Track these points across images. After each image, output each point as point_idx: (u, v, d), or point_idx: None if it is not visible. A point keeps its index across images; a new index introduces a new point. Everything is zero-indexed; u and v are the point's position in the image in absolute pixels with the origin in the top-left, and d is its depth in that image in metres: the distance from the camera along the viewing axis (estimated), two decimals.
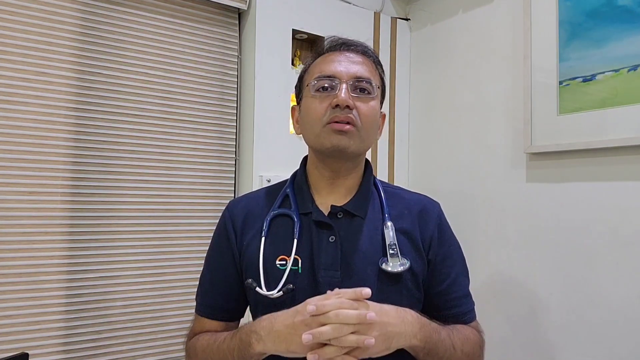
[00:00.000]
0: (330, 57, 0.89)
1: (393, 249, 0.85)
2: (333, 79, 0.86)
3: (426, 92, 1.83)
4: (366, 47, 0.93)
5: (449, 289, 0.91)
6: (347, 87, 0.85)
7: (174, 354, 1.45)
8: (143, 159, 1.42)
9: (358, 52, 0.91)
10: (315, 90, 0.87)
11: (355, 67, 0.87)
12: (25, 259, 1.25)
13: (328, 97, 0.86)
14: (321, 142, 0.86)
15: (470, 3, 1.65)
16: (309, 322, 0.72)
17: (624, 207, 1.23)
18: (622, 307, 1.22)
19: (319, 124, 0.86)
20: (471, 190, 1.62)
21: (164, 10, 1.46)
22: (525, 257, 1.44)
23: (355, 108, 0.85)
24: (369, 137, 0.89)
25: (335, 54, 0.90)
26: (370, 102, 0.87)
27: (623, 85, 1.21)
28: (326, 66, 0.88)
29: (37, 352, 1.25)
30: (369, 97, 0.87)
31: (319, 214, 0.88)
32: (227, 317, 0.94)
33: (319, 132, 0.86)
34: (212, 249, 0.97)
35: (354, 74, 0.86)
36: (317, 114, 0.86)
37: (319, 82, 0.87)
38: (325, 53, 0.92)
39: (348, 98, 0.84)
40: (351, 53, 0.90)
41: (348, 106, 0.84)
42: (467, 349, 0.86)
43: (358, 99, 0.86)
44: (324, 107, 0.85)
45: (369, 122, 0.87)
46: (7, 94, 1.23)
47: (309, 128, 0.88)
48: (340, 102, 0.84)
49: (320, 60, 0.91)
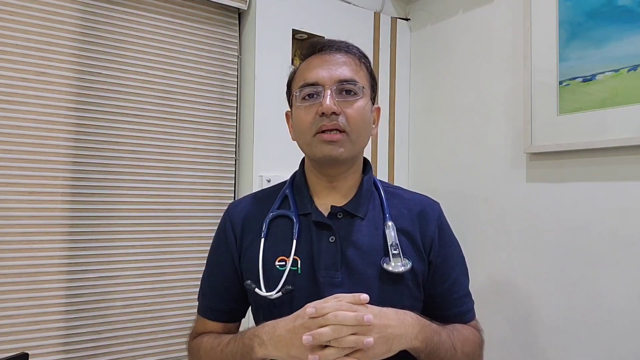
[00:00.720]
0: (313, 63, 0.88)
1: (395, 249, 0.85)
2: (316, 86, 0.85)
3: (426, 92, 1.83)
4: (348, 45, 0.91)
5: (450, 289, 0.91)
6: (332, 93, 0.84)
7: (174, 354, 1.45)
8: (143, 159, 1.42)
9: (341, 51, 0.89)
10: (301, 100, 0.87)
11: (337, 70, 0.86)
12: (25, 259, 1.25)
13: (314, 105, 0.85)
14: (313, 152, 0.86)
15: (470, 3, 1.65)
16: (309, 324, 0.72)
17: (624, 207, 1.23)
18: (622, 307, 1.22)
19: (309, 134, 0.85)
20: (471, 190, 1.62)
21: (164, 10, 1.46)
22: (525, 257, 1.44)
23: (342, 112, 0.84)
24: (360, 138, 0.88)
25: (317, 58, 0.88)
26: (356, 104, 0.86)
27: (623, 85, 1.21)
28: (308, 73, 0.87)
29: (37, 352, 1.25)
30: (355, 98, 0.86)
31: (318, 214, 0.88)
32: (227, 318, 0.95)
33: (310, 141, 0.86)
34: (212, 252, 0.97)
35: (337, 78, 0.85)
36: (305, 124, 0.86)
37: (303, 91, 0.87)
38: (308, 57, 0.90)
39: (332, 105, 0.83)
40: (333, 54, 0.88)
41: (334, 112, 0.83)
42: (468, 349, 0.86)
43: (344, 102, 0.85)
44: (311, 116, 0.85)
45: (357, 124, 0.86)
46: (7, 94, 1.23)
47: (301, 137, 0.88)
48: (325, 110, 0.83)
49: (304, 67, 0.90)
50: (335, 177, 0.90)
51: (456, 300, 0.92)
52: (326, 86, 0.85)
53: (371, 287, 0.84)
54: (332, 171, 0.90)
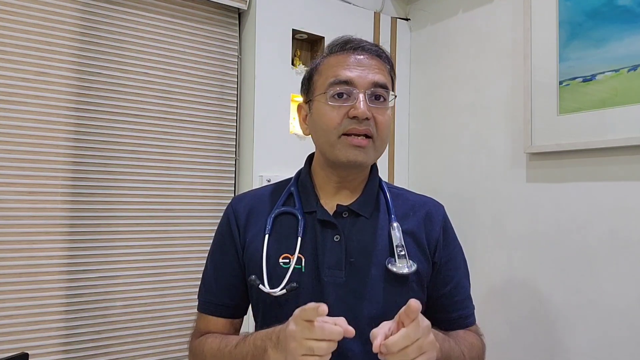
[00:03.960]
0: (344, 60, 0.84)
1: (401, 250, 0.84)
2: (350, 86, 0.82)
3: (426, 92, 1.82)
4: (380, 49, 0.88)
5: (452, 292, 0.91)
6: (365, 97, 0.81)
7: (174, 354, 1.45)
8: (143, 159, 1.42)
9: (372, 55, 0.86)
10: (330, 98, 0.83)
11: (372, 74, 0.83)
12: (25, 259, 1.25)
13: (344, 106, 0.82)
14: (335, 155, 0.83)
15: (470, 3, 1.65)
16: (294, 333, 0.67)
17: (624, 207, 1.23)
18: (622, 307, 1.22)
19: (335, 134, 0.82)
20: (471, 190, 1.62)
21: (164, 10, 1.46)
22: (525, 257, 1.44)
23: (372, 118, 0.82)
24: (383, 146, 0.87)
25: (349, 55, 0.85)
26: (387, 112, 0.85)
27: (623, 85, 1.21)
28: (341, 70, 0.83)
29: (37, 352, 1.25)
30: (385, 106, 0.84)
31: (323, 213, 0.87)
32: (231, 313, 0.92)
33: (334, 142, 0.83)
34: (215, 245, 0.95)
35: (371, 82, 0.82)
36: (332, 123, 0.82)
37: (335, 89, 0.82)
38: (337, 52, 0.86)
39: (367, 110, 0.80)
40: (366, 55, 0.85)
41: (367, 117, 0.81)
42: (473, 354, 0.86)
43: (375, 109, 0.82)
44: (340, 117, 0.82)
45: (384, 132, 0.85)
46: (7, 94, 1.23)
47: (323, 135, 0.84)
48: (360, 115, 0.80)
49: (333, 62, 0.85)
50: (345, 179, 0.89)
51: (458, 302, 0.91)
52: (360, 88, 0.82)
53: (375, 288, 0.83)
54: (347, 174, 0.88)
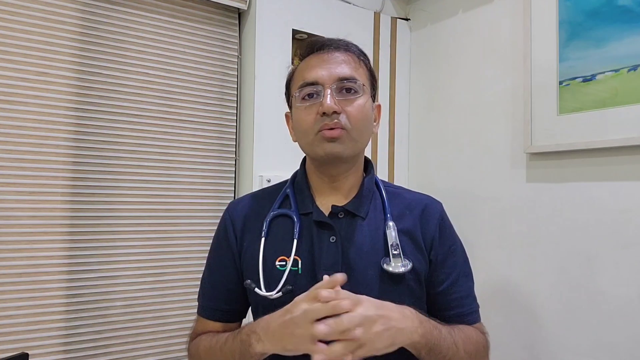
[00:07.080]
0: (311, 62, 0.88)
1: (396, 250, 0.85)
2: (316, 85, 0.85)
3: (426, 92, 1.83)
4: (346, 43, 0.90)
5: (449, 289, 0.91)
6: (332, 92, 0.84)
7: (174, 354, 1.45)
8: (143, 159, 1.42)
9: (339, 49, 0.88)
10: (300, 100, 0.87)
11: (337, 68, 0.85)
12: (25, 259, 1.25)
13: (314, 105, 0.85)
14: (315, 151, 0.86)
15: (470, 3, 1.65)
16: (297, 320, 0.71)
17: (624, 207, 1.23)
18: (622, 307, 1.22)
19: (311, 133, 0.85)
20: (471, 190, 1.62)
21: (164, 10, 1.46)
22: (525, 257, 1.44)
23: (343, 111, 0.84)
24: (361, 136, 0.88)
25: (316, 57, 0.88)
26: (357, 102, 0.86)
27: (623, 85, 1.21)
28: (307, 73, 0.86)
29: (37, 352, 1.25)
30: (356, 97, 0.86)
31: (319, 214, 0.88)
32: (228, 318, 0.94)
33: (311, 141, 0.86)
34: (212, 251, 0.97)
35: (336, 76, 0.85)
36: (307, 124, 0.85)
37: (303, 91, 0.86)
38: (306, 57, 0.90)
39: (333, 104, 0.83)
40: (332, 52, 0.88)
41: (335, 111, 0.83)
42: (470, 348, 0.85)
43: (344, 101, 0.85)
44: (312, 116, 0.85)
45: (358, 122, 0.86)
46: (7, 94, 1.23)
47: (303, 137, 0.88)
48: (326, 110, 0.82)
49: (302, 66, 0.89)
50: (336, 177, 0.90)
51: (456, 300, 0.91)
52: (326, 85, 0.84)
53: (371, 288, 0.83)
54: (334, 170, 0.89)
